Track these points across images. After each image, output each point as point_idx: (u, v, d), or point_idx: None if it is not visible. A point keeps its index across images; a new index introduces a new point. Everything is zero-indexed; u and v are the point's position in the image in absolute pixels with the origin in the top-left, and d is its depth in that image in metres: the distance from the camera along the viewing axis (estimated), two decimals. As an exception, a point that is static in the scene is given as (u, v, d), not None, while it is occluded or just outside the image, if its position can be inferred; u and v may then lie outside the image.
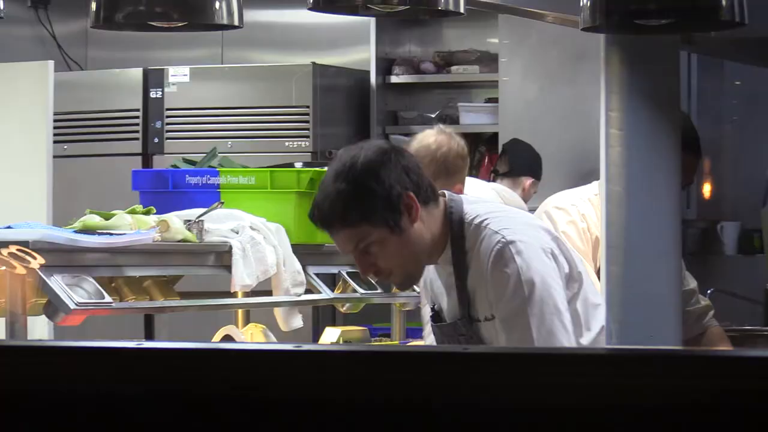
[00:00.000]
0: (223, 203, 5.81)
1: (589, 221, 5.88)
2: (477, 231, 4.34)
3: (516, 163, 8.02)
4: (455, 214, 4.37)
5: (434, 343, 4.70)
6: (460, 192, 5.91)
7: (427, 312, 4.78)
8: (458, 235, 4.36)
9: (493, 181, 7.89)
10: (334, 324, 6.80)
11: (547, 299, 4.27)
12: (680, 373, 2.38)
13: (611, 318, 4.87)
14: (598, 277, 5.60)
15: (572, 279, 4.42)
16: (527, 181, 7.82)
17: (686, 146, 5.44)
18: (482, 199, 4.64)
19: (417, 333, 5.05)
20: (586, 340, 4.39)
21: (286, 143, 8.90)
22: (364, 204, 4.23)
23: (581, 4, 3.57)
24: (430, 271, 4.51)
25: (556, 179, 7.14)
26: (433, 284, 4.54)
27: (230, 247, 5.55)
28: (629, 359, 2.55)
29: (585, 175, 6.59)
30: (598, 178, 5.61)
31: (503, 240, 4.27)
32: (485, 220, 4.35)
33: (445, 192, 4.47)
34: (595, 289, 4.55)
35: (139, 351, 2.82)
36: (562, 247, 4.42)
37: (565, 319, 4.32)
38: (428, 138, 5.83)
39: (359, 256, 4.32)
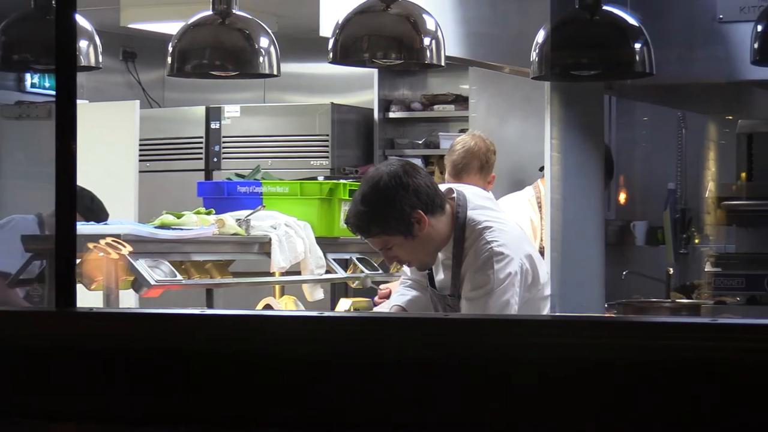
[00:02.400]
0: (264, 207, 5.80)
1: (534, 217, 6.06)
2: (476, 235, 4.34)
3: None
4: (461, 217, 4.37)
5: (408, 295, 4.71)
6: (493, 179, 6.18)
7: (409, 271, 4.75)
8: (460, 235, 4.37)
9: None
10: (346, 296, 6.77)
11: (503, 298, 4.28)
12: (606, 334, 2.37)
13: (553, 292, 4.86)
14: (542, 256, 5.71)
15: (533, 285, 4.43)
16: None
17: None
18: (484, 204, 4.59)
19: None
20: None
21: (311, 162, 8.90)
22: (381, 222, 4.27)
23: (531, 59, 3.56)
24: None
25: (508, 187, 7.17)
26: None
27: (270, 239, 5.55)
28: (568, 323, 2.54)
29: (529, 180, 6.71)
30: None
31: (492, 250, 4.29)
32: (485, 228, 4.35)
33: (455, 190, 4.45)
34: (547, 284, 4.56)
35: (203, 316, 2.81)
36: (531, 262, 4.43)
37: (513, 308, 4.34)
38: (468, 142, 6.32)
39: (384, 253, 4.42)
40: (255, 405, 2.50)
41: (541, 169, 6.47)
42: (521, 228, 5.21)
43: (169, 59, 3.82)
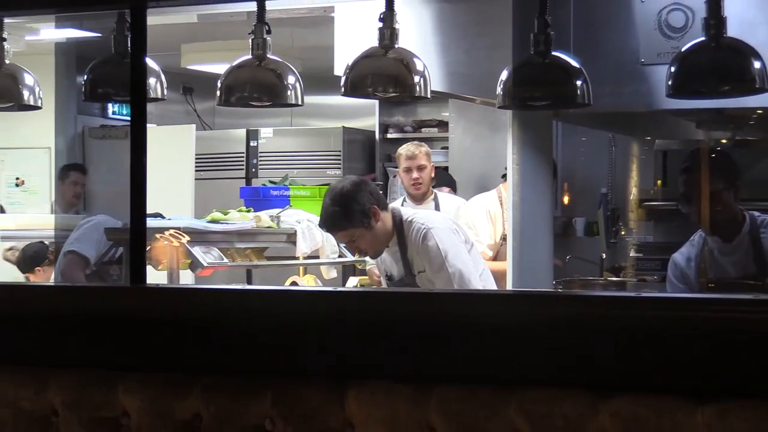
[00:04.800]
0: (291, 206, 5.80)
1: (493, 211, 6.08)
2: (410, 225, 4.41)
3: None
4: (397, 216, 4.44)
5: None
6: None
7: (376, 272, 4.79)
8: (399, 228, 4.42)
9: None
10: (354, 275, 6.77)
11: (456, 256, 4.34)
12: (554, 305, 2.37)
13: (513, 272, 4.85)
14: (502, 245, 5.73)
15: (466, 242, 4.48)
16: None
17: None
18: (411, 208, 4.76)
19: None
20: (476, 274, 4.45)
21: (327, 172, 8.89)
22: (350, 217, 4.29)
23: (497, 93, 3.54)
24: (384, 254, 4.54)
25: (478, 189, 7.17)
26: (385, 260, 4.56)
27: (295, 231, 5.55)
28: (525, 296, 2.54)
29: (493, 185, 6.73)
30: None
31: (424, 227, 4.36)
32: (413, 218, 4.45)
33: (388, 205, 4.54)
34: (477, 244, 4.64)
35: (244, 291, 2.80)
36: (457, 226, 4.53)
37: (468, 264, 4.37)
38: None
39: (349, 245, 4.48)
40: (286, 357, 2.50)
41: (504, 176, 6.49)
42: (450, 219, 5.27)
43: (218, 92, 3.80)
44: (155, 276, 5.13)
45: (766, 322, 2.15)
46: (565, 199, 7.55)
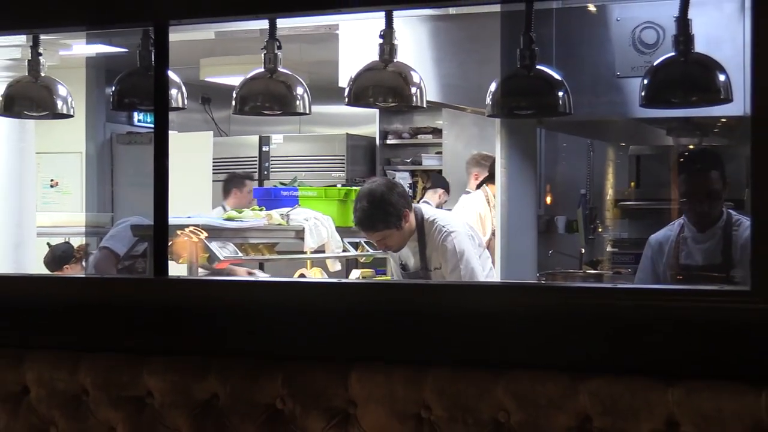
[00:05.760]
0: (299, 205, 5.80)
1: (483, 213, 6.08)
2: (431, 225, 4.39)
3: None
4: (418, 215, 4.42)
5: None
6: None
7: (394, 261, 4.77)
8: (421, 227, 4.40)
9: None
10: (357, 267, 6.76)
11: (469, 259, 4.31)
12: (538, 294, 2.37)
13: (501, 266, 4.85)
14: (491, 241, 5.71)
15: (479, 246, 4.45)
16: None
17: None
18: (427, 206, 4.71)
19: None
20: (483, 275, 4.45)
21: (332, 174, 8.90)
22: (386, 219, 4.28)
23: (486, 102, 3.54)
24: None
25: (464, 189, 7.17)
26: (402, 251, 4.54)
27: (303, 228, 5.54)
28: (512, 287, 2.53)
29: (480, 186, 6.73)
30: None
31: (446, 230, 4.34)
32: (436, 219, 4.41)
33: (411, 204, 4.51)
34: (486, 249, 4.62)
35: (256, 282, 2.80)
36: (473, 232, 4.48)
37: (478, 267, 4.35)
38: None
39: (379, 243, 4.42)
40: (295, 342, 2.49)
41: (483, 181, 6.55)
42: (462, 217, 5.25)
43: (234, 102, 3.80)
44: (176, 269, 5.13)
45: (729, 310, 2.15)
46: (548, 199, 7.55)
